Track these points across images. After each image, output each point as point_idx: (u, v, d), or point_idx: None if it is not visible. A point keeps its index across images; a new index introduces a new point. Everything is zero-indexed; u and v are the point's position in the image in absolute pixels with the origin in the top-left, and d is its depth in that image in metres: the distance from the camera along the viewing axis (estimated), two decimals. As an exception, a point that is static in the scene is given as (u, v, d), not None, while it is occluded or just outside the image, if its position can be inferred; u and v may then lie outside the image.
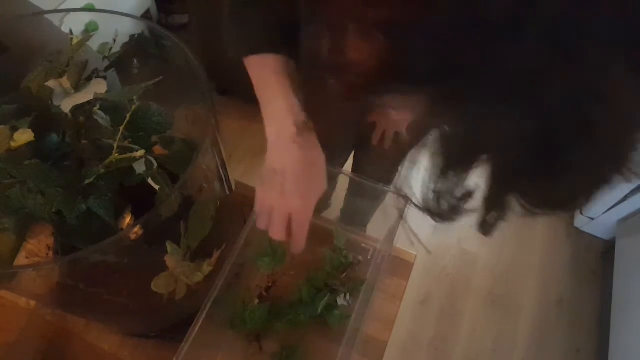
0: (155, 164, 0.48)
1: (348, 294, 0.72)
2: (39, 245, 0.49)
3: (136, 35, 0.55)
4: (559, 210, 0.27)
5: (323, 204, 1.31)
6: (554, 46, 0.20)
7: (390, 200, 0.73)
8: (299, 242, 0.51)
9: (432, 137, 0.27)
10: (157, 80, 0.47)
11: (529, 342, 1.45)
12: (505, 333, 1.47)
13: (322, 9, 0.30)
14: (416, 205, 0.31)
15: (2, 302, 0.70)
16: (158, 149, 0.49)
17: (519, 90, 0.21)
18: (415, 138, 0.97)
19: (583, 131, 0.22)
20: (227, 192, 0.62)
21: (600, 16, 0.19)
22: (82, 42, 0.50)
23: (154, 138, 0.49)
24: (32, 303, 0.70)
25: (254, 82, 0.52)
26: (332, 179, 1.09)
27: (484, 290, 1.54)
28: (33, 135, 0.42)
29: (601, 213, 1.54)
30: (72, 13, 0.53)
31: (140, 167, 0.46)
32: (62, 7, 1.43)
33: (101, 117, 0.48)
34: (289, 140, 0.48)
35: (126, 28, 0.54)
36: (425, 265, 1.57)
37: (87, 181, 0.43)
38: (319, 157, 0.51)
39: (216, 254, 0.57)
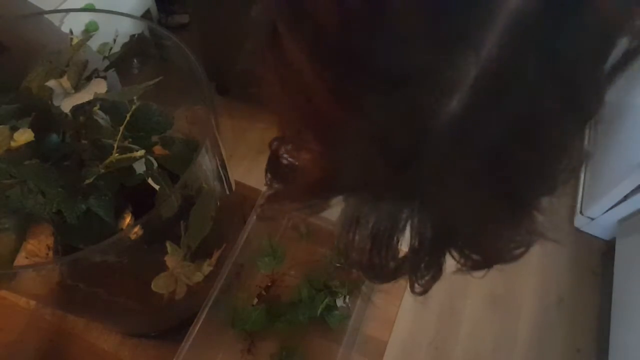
0: (155, 164, 0.47)
1: (347, 297, 0.72)
2: (39, 245, 0.49)
3: (136, 35, 0.54)
4: (495, 262, 0.27)
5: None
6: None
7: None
8: None
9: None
10: (157, 80, 0.47)
11: (529, 342, 1.45)
12: (505, 333, 1.46)
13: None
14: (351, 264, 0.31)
15: (2, 302, 0.70)
16: (158, 149, 0.49)
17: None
18: None
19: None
20: (227, 192, 0.62)
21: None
22: (82, 42, 0.50)
23: (154, 138, 0.49)
24: (32, 303, 0.70)
25: None
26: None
27: (484, 290, 1.54)
28: (33, 135, 0.42)
29: (601, 213, 1.54)
30: (72, 13, 0.53)
31: (140, 167, 0.46)
32: (62, 7, 1.43)
33: (101, 117, 0.48)
34: None
35: (126, 28, 0.54)
36: (425, 265, 1.57)
37: (87, 181, 0.43)
38: None
39: (216, 254, 0.57)
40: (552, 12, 0.17)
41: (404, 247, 0.27)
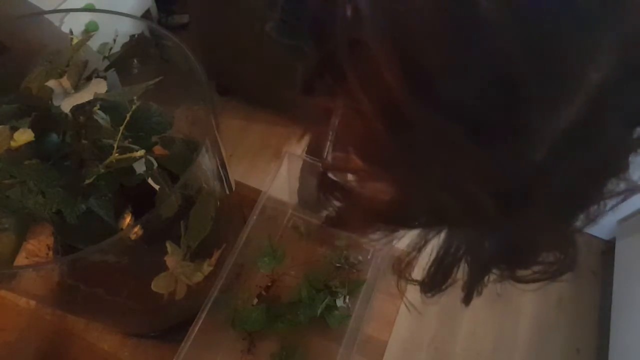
0: (155, 164, 0.47)
1: (347, 297, 0.72)
2: (39, 245, 0.49)
3: (136, 35, 0.54)
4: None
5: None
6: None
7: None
8: None
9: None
10: (157, 80, 0.47)
11: (529, 342, 1.45)
12: (505, 333, 1.46)
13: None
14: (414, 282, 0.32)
15: (2, 302, 0.70)
16: (158, 149, 0.49)
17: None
18: None
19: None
20: (227, 192, 0.62)
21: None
22: (82, 42, 0.50)
23: (154, 138, 0.49)
24: (32, 303, 0.70)
25: None
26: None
27: (484, 290, 1.54)
28: (33, 135, 0.42)
29: (601, 213, 1.54)
30: (72, 13, 0.53)
31: (140, 167, 0.46)
32: (62, 7, 1.43)
33: (101, 117, 0.48)
34: None
35: (126, 28, 0.54)
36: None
37: (87, 181, 0.43)
38: None
39: (216, 254, 0.57)
40: (629, 79, 0.20)
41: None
